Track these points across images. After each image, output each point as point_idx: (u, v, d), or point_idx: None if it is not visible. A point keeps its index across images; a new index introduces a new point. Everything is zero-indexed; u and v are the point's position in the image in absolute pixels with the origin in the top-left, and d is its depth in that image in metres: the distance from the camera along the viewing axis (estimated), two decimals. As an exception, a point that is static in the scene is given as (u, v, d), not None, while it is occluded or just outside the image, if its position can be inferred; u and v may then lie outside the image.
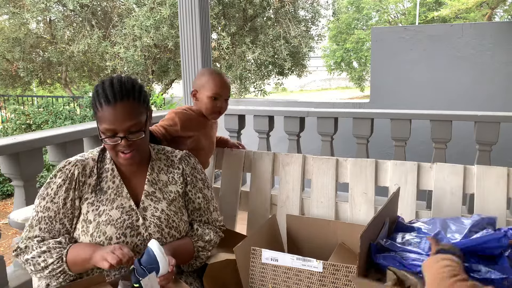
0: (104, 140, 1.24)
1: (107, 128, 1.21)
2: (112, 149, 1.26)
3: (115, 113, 1.20)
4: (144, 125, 1.27)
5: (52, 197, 1.27)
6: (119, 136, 1.22)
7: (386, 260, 1.26)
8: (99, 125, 1.24)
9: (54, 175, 1.29)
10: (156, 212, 1.32)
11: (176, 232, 1.34)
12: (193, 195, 1.43)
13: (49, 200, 1.27)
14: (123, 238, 1.25)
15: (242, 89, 9.23)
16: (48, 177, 1.32)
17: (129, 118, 1.22)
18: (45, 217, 1.26)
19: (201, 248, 1.39)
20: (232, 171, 2.11)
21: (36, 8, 8.12)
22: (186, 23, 3.02)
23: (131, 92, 1.24)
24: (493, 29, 4.66)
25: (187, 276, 1.40)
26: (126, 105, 1.22)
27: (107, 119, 1.21)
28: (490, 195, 1.65)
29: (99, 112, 1.22)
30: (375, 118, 2.97)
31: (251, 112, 3.21)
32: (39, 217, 1.27)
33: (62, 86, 11.64)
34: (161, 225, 1.31)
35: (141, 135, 1.26)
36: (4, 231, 5.39)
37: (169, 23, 7.76)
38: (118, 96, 1.21)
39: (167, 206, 1.35)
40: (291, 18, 8.89)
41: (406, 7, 16.62)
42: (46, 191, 1.28)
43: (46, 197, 1.27)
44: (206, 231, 1.43)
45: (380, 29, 5.57)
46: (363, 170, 1.83)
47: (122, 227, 1.26)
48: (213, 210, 1.49)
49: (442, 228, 1.35)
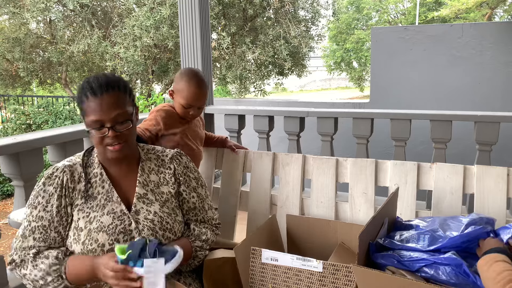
0: (91, 132, 1.22)
1: (94, 119, 1.20)
2: (100, 143, 1.23)
3: (101, 103, 1.20)
4: (131, 116, 1.25)
5: (45, 205, 1.25)
6: (107, 127, 1.20)
7: (385, 259, 1.26)
8: (86, 118, 1.22)
9: (43, 183, 1.27)
10: (149, 215, 1.30)
11: (171, 233, 1.32)
12: (187, 195, 1.41)
13: (41, 209, 1.24)
14: (116, 244, 1.23)
15: (242, 89, 9.22)
16: (36, 185, 1.29)
17: (115, 107, 1.21)
18: (38, 227, 1.24)
19: (199, 247, 1.39)
20: (232, 171, 2.11)
21: (36, 8, 8.12)
22: (186, 23, 3.03)
23: (116, 84, 1.24)
24: (493, 29, 4.67)
25: (186, 277, 1.39)
26: (112, 95, 1.21)
27: (94, 110, 1.19)
28: (490, 195, 1.65)
29: (85, 105, 1.21)
30: (375, 118, 2.97)
31: (251, 112, 3.21)
32: (32, 227, 1.24)
33: (62, 86, 11.63)
34: (155, 228, 1.28)
35: (129, 125, 1.24)
36: (4, 231, 5.39)
37: (169, 23, 7.76)
38: (104, 87, 1.21)
39: (159, 208, 1.33)
40: (291, 18, 8.88)
41: (406, 7, 16.61)
42: (37, 199, 1.25)
43: (37, 206, 1.25)
44: (203, 230, 1.42)
45: (380, 29, 5.57)
46: (363, 170, 1.83)
47: (114, 233, 1.23)
48: (208, 209, 1.48)
49: (440, 225, 1.35)
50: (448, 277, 1.14)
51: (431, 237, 1.29)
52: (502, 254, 1.07)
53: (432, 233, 1.31)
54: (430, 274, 1.17)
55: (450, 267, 1.15)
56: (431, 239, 1.28)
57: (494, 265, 1.03)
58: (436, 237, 1.28)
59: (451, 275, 1.14)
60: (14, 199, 2.12)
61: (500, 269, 1.00)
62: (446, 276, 1.14)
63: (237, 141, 3.22)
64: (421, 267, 1.20)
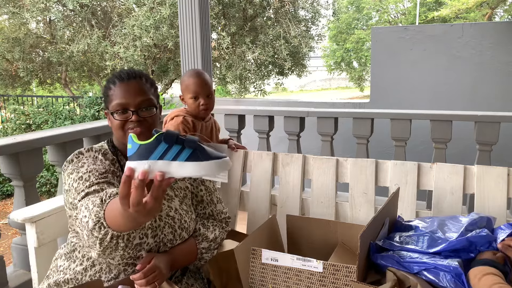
0: (113, 116, 1.21)
1: (119, 102, 1.20)
2: (121, 128, 1.22)
3: (128, 88, 1.22)
4: (155, 104, 1.26)
5: (92, 163, 1.19)
6: (130, 110, 1.21)
7: (384, 260, 1.26)
8: (110, 104, 1.22)
9: (77, 158, 1.22)
10: (170, 211, 1.27)
11: (186, 233, 1.30)
12: (194, 189, 1.40)
13: (90, 164, 1.18)
14: (145, 238, 1.19)
15: (242, 89, 9.23)
16: (67, 168, 1.21)
17: (141, 93, 1.22)
18: (95, 174, 1.15)
19: (205, 249, 1.36)
20: (233, 171, 2.10)
21: (36, 8, 8.11)
22: (186, 23, 3.03)
23: (143, 75, 1.28)
24: (493, 29, 4.67)
25: (189, 277, 1.38)
26: (139, 82, 1.24)
27: (120, 94, 1.21)
28: (490, 195, 1.65)
29: (111, 91, 1.23)
30: (375, 118, 2.97)
31: (251, 112, 3.21)
32: (85, 177, 1.14)
33: (62, 86, 11.63)
34: (175, 226, 1.26)
35: (153, 113, 1.24)
36: (4, 231, 5.39)
37: (169, 23, 7.75)
38: (132, 75, 1.25)
39: (179, 204, 1.31)
40: (291, 18, 8.88)
41: (406, 7, 16.61)
42: (82, 168, 1.17)
43: (84, 165, 1.17)
44: (211, 228, 1.39)
45: (380, 29, 5.57)
46: (363, 170, 1.83)
47: (144, 227, 1.20)
48: (217, 202, 1.46)
49: (439, 226, 1.35)
50: (448, 284, 1.15)
51: (430, 239, 1.29)
52: (491, 267, 1.08)
53: (431, 234, 1.31)
54: (430, 279, 1.17)
55: (450, 275, 1.15)
56: (430, 241, 1.28)
57: (483, 279, 1.04)
58: (435, 239, 1.28)
59: (450, 282, 1.14)
60: (14, 199, 2.12)
61: (490, 282, 1.02)
62: (445, 283, 1.15)
63: (237, 141, 3.22)
64: (421, 270, 1.20)
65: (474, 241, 1.22)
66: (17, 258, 2.09)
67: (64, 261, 1.28)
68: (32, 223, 1.40)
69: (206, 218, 1.43)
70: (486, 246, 1.22)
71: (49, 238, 1.45)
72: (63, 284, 1.24)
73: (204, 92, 1.87)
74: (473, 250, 1.22)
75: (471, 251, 1.22)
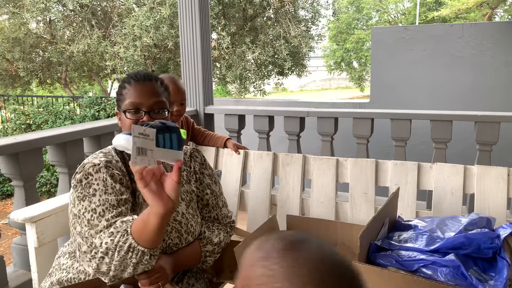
0: (125, 114, 1.20)
1: (132, 101, 1.19)
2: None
3: (142, 88, 1.21)
4: (167, 108, 1.25)
5: (103, 189, 1.14)
6: (143, 111, 1.20)
7: (383, 259, 1.26)
8: (123, 103, 1.21)
9: (87, 173, 1.16)
10: (177, 216, 1.26)
11: (191, 237, 1.29)
12: (200, 192, 1.39)
13: (102, 193, 1.13)
14: None
15: (242, 89, 9.22)
16: (76, 182, 1.17)
17: (155, 95, 1.22)
18: (107, 208, 1.11)
19: (209, 252, 1.35)
20: (232, 171, 2.10)
21: (36, 8, 8.11)
22: (186, 23, 3.02)
23: (158, 78, 1.27)
24: (493, 29, 4.66)
25: (190, 277, 1.37)
26: (153, 84, 1.24)
27: (134, 94, 1.21)
28: (490, 195, 1.65)
29: (125, 90, 1.22)
30: (375, 118, 2.97)
31: (251, 112, 3.21)
32: (99, 212, 1.10)
33: (62, 86, 11.63)
34: (181, 231, 1.26)
35: (165, 115, 1.23)
36: (4, 231, 5.39)
37: (169, 23, 7.75)
38: (148, 77, 1.24)
39: (186, 208, 1.30)
40: (291, 18, 8.88)
41: (406, 7, 16.62)
42: (91, 188, 1.13)
43: (96, 192, 1.13)
44: (216, 232, 1.38)
45: (380, 29, 5.57)
46: (363, 170, 1.83)
47: None
48: (223, 206, 1.45)
49: (439, 226, 1.35)
50: (446, 278, 1.14)
51: (429, 237, 1.29)
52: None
53: (430, 233, 1.31)
54: (428, 275, 1.17)
55: (448, 269, 1.15)
56: (429, 239, 1.28)
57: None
58: (434, 238, 1.28)
59: (449, 276, 1.14)
60: (14, 199, 2.12)
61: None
62: (444, 277, 1.15)
63: (237, 141, 3.22)
64: (420, 267, 1.20)
65: (475, 238, 1.22)
66: (17, 258, 2.09)
67: (67, 260, 1.28)
68: (32, 223, 1.40)
69: (211, 222, 1.42)
70: (488, 243, 1.22)
71: (49, 238, 1.45)
72: (66, 283, 1.24)
73: (178, 100, 1.85)
74: (474, 248, 1.22)
75: (472, 249, 1.22)
